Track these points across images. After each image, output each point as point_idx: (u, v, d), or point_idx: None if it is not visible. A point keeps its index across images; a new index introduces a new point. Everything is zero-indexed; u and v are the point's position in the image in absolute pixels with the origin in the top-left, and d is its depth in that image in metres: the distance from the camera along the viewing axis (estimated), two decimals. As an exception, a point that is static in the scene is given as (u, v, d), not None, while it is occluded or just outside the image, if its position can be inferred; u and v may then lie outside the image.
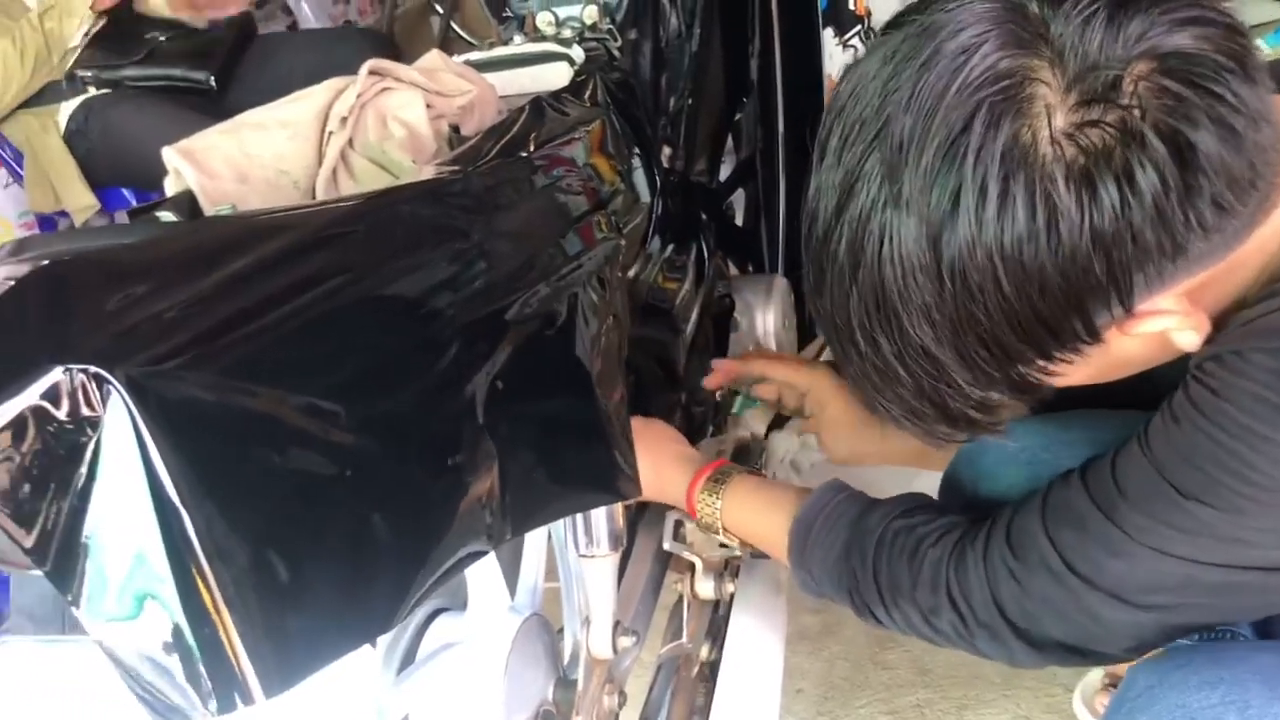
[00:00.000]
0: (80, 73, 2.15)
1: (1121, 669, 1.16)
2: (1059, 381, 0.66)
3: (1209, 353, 0.65)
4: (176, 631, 0.47)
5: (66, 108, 2.14)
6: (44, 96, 2.15)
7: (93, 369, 0.46)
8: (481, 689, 0.82)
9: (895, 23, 0.62)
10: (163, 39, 2.26)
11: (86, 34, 2.15)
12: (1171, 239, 0.58)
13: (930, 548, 0.78)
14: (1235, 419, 0.62)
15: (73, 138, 2.13)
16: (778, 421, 1.19)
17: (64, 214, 2.14)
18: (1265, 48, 2.23)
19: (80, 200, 2.12)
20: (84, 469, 0.47)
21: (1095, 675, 1.26)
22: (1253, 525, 0.63)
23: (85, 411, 0.47)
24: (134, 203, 2.28)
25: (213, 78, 2.16)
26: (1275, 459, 0.61)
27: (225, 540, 0.49)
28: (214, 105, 2.11)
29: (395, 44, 3.01)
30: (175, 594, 0.47)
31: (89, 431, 0.47)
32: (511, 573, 0.90)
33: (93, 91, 2.15)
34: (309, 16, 3.30)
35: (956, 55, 0.57)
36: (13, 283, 0.52)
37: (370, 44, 2.31)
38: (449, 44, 3.69)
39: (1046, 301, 0.59)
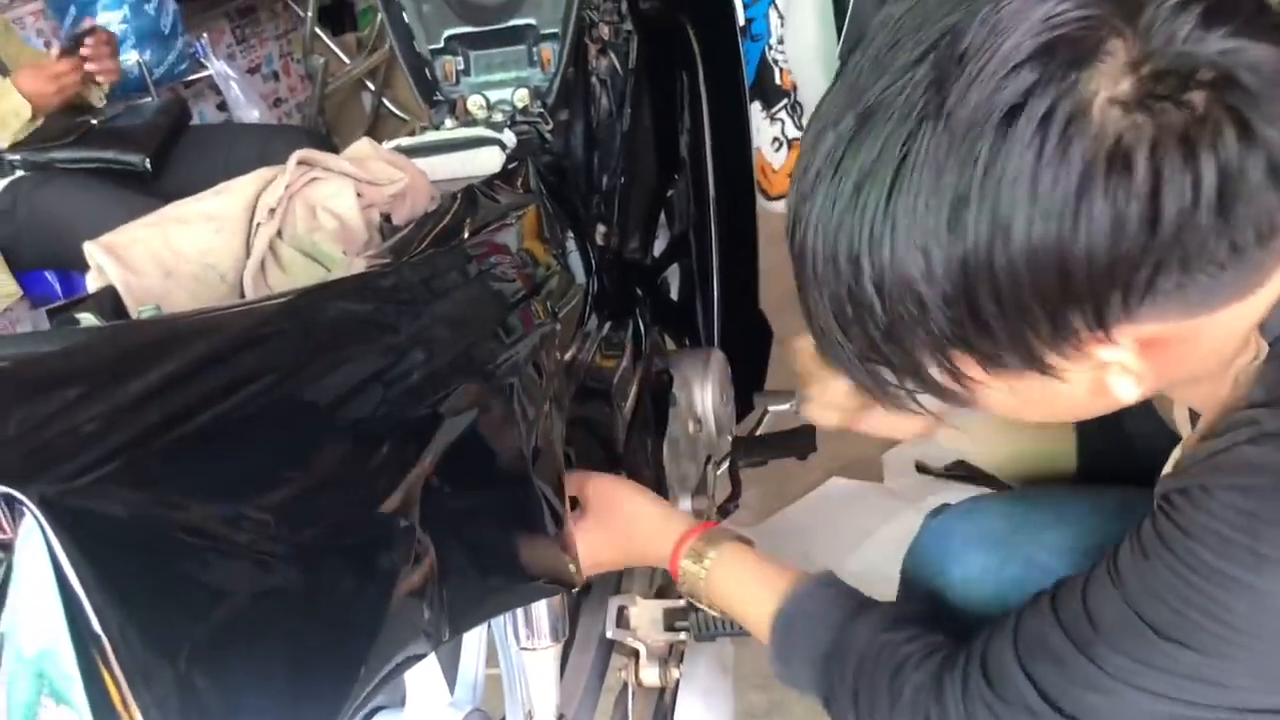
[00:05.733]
0: (9, 156, 2.12)
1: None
2: (1001, 397, 0.64)
3: (1174, 484, 0.63)
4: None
5: (-8, 191, 2.10)
6: (-32, 183, 2.11)
7: (3, 489, 0.44)
8: (422, 791, 0.79)
9: (851, 43, 0.61)
10: (94, 122, 2.23)
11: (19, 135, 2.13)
12: (1197, 248, 0.55)
13: (913, 671, 0.76)
14: (1206, 561, 0.60)
15: (-4, 220, 2.09)
16: None
17: (-15, 302, 2.09)
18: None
19: (2, 289, 2.08)
20: (-7, 596, 0.45)
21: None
22: (1242, 671, 0.61)
23: (-5, 534, 0.45)
24: (58, 286, 2.24)
25: (148, 160, 2.14)
26: (1253, 602, 0.59)
27: (148, 663, 0.46)
28: (146, 189, 2.08)
29: (331, 139, 3.02)
30: (93, 724, 0.45)
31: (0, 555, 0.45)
32: (450, 667, 0.87)
33: (20, 174, 2.12)
34: (239, 96, 3.29)
35: None
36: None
37: (308, 141, 2.31)
38: (381, 121, 3.70)
39: (1075, 263, 0.55)
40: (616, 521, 0.92)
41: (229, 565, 0.52)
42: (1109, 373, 0.61)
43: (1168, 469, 0.69)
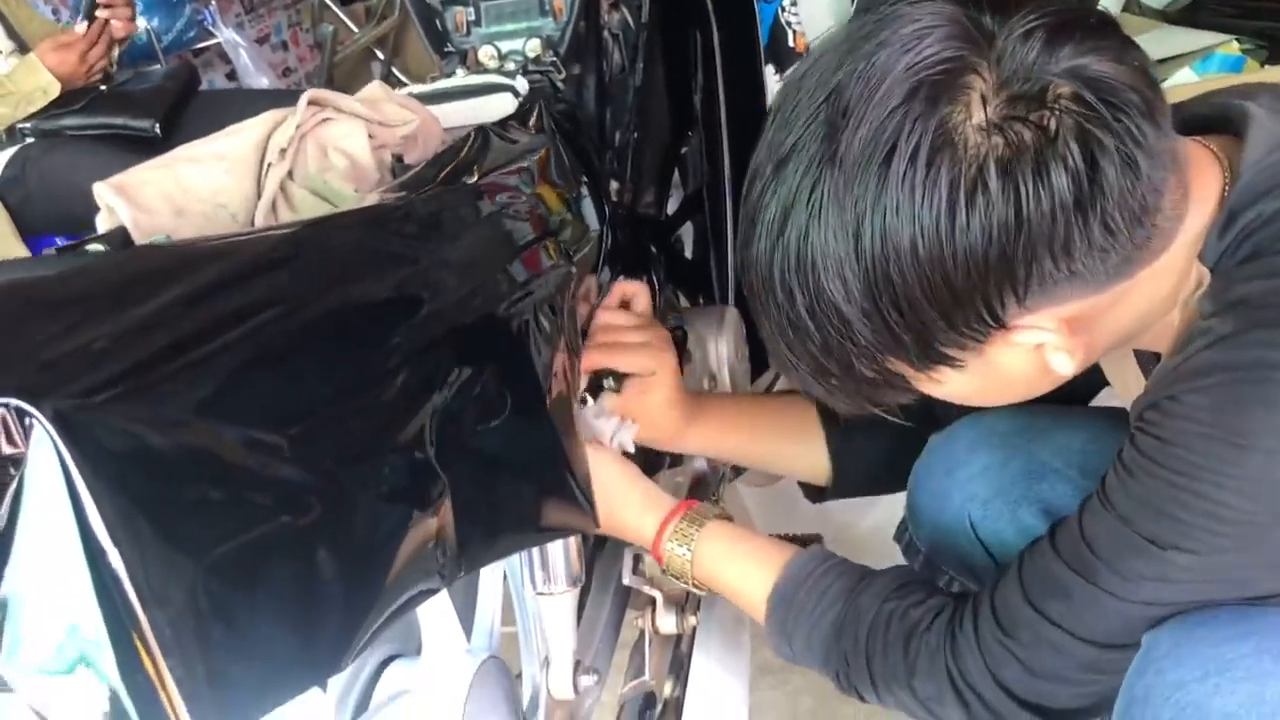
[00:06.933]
0: (19, 125, 2.11)
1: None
2: (945, 386, 0.70)
3: (1145, 402, 0.68)
4: (108, 682, 0.44)
5: (1, 158, 2.09)
6: (-24, 151, 2.11)
7: (14, 402, 0.43)
8: (438, 737, 0.78)
9: (861, 9, 0.66)
10: (104, 88, 2.22)
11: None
12: (1064, 243, 0.62)
13: (925, 633, 0.78)
14: (1190, 460, 0.64)
15: (6, 185, 2.08)
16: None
17: (-6, 267, 2.08)
18: (1194, 76, 2.29)
19: (12, 254, 2.07)
20: (4, 510, 0.44)
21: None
22: (1235, 562, 0.65)
23: (6, 449, 0.44)
24: (69, 252, 2.24)
25: (158, 125, 2.12)
26: (1240, 491, 0.63)
27: (161, 583, 0.46)
28: (157, 154, 2.06)
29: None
30: (106, 641, 0.44)
31: (11, 470, 0.44)
32: (466, 614, 0.87)
33: (30, 140, 2.11)
34: (248, 64, 3.28)
35: (909, 39, 0.62)
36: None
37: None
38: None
39: (956, 271, 0.62)
40: (603, 501, 0.90)
41: (241, 489, 0.51)
42: (1046, 352, 0.67)
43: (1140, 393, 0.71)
